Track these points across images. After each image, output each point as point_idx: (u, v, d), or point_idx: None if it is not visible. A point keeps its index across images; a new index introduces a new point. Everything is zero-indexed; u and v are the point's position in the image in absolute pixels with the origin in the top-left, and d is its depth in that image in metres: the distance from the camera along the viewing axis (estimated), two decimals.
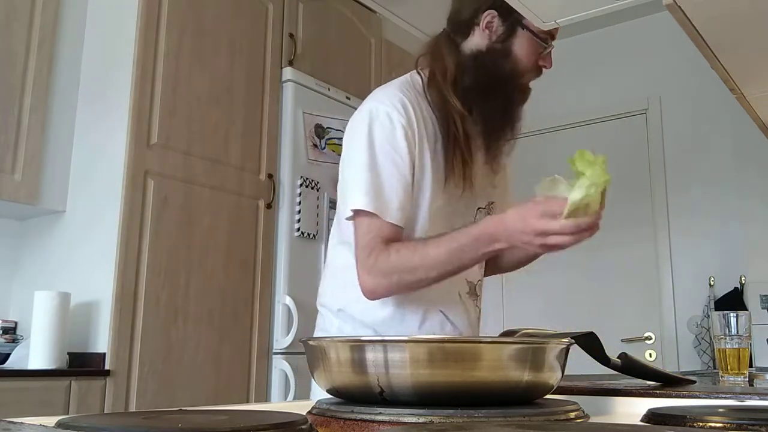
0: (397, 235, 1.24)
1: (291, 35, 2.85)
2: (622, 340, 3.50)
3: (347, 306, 1.33)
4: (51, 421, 0.55)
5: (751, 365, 1.39)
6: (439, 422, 0.56)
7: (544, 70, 1.38)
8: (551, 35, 1.36)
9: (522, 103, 1.36)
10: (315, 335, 1.40)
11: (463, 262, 1.21)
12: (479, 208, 1.40)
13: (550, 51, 1.36)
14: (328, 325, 1.36)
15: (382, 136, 1.26)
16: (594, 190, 1.02)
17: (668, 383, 1.01)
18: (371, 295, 1.24)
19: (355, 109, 1.46)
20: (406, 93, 1.31)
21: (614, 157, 3.76)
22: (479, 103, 1.33)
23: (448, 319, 1.34)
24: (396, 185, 1.24)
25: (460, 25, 1.38)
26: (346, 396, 0.65)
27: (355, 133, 1.30)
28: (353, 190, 1.25)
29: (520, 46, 1.33)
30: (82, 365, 2.14)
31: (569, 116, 3.84)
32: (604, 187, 1.03)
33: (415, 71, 1.40)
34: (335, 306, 1.35)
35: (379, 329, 1.30)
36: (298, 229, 2.68)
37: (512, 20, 1.32)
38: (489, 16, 1.33)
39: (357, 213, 1.24)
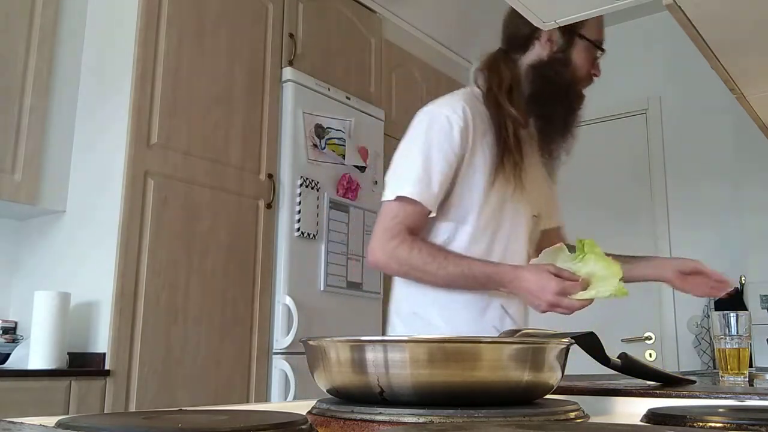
0: (420, 224, 1.37)
1: (291, 35, 2.85)
2: (622, 340, 3.50)
3: (422, 310, 1.42)
4: (51, 421, 0.55)
5: (751, 365, 1.39)
6: (439, 422, 0.56)
7: (595, 77, 1.53)
8: (601, 42, 1.50)
9: (578, 109, 1.51)
10: None
11: (468, 287, 1.37)
12: (534, 216, 1.52)
13: (599, 59, 1.51)
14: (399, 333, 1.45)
15: (440, 135, 1.38)
16: (604, 295, 1.28)
17: (668, 383, 1.01)
18: (373, 267, 1.40)
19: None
20: (467, 101, 1.43)
21: (614, 157, 3.79)
22: (540, 109, 1.46)
23: (508, 313, 1.43)
24: (442, 179, 1.37)
25: (518, 42, 1.51)
26: (346, 396, 0.65)
27: (415, 130, 1.43)
28: (403, 179, 1.38)
29: (578, 55, 1.48)
30: (82, 365, 2.14)
31: None
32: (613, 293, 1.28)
33: (474, 85, 1.52)
34: (410, 309, 1.44)
35: (445, 331, 1.39)
36: (298, 229, 2.68)
37: (570, 31, 1.45)
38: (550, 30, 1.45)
39: (397, 198, 1.37)
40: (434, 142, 1.38)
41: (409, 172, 1.37)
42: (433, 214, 1.37)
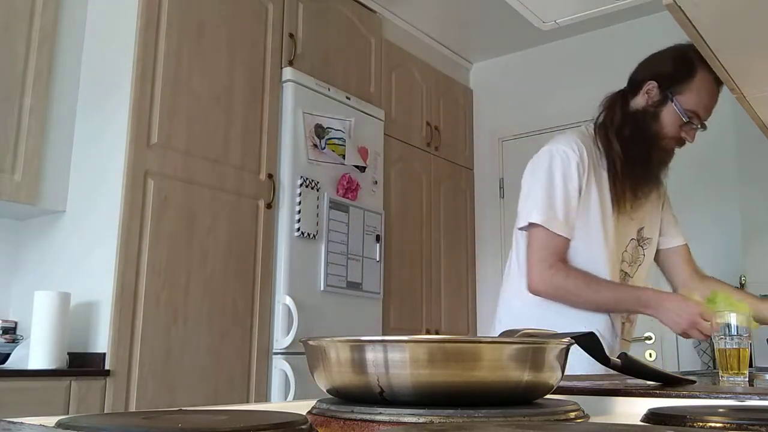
0: (565, 248, 1.57)
1: (291, 35, 2.86)
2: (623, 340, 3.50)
3: (529, 309, 1.62)
4: (51, 421, 0.55)
5: (751, 365, 1.39)
6: (439, 422, 0.56)
7: (687, 142, 1.70)
8: (697, 115, 1.66)
9: (663, 162, 1.70)
10: None
11: (618, 309, 1.61)
12: (632, 239, 1.72)
13: (696, 129, 1.68)
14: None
15: (561, 168, 1.59)
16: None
17: (668, 383, 1.01)
18: (533, 293, 1.56)
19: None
20: (581, 138, 1.65)
21: None
22: (631, 149, 1.65)
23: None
24: (565, 204, 1.56)
25: (632, 86, 1.72)
26: (346, 396, 0.65)
27: (537, 166, 1.63)
28: (530, 207, 1.58)
29: (667, 115, 1.65)
30: (82, 365, 2.14)
31: (569, 116, 3.83)
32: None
33: (591, 121, 1.73)
34: (520, 305, 1.65)
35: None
36: (298, 229, 2.69)
37: (666, 93, 1.65)
38: (651, 84, 1.67)
39: (531, 225, 1.56)
40: (561, 175, 1.58)
41: (542, 203, 1.56)
42: (567, 237, 1.56)
